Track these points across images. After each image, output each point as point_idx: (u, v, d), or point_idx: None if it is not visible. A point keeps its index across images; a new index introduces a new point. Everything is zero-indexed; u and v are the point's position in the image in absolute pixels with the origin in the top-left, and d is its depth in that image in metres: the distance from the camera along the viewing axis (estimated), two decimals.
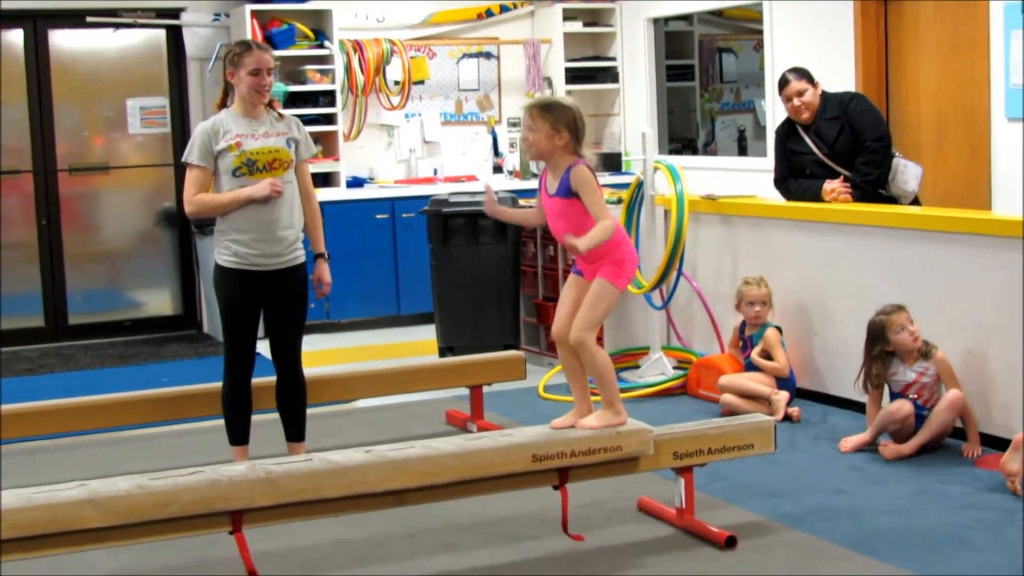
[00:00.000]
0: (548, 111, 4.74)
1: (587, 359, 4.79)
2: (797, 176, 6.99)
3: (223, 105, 5.61)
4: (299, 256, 5.62)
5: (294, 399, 5.72)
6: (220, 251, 5.55)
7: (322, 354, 8.68)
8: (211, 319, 9.65)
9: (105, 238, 10.09)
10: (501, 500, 5.06)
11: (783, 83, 6.91)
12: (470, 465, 4.48)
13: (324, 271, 5.79)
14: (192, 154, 5.49)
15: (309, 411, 5.81)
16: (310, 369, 5.89)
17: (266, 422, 5.87)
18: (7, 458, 6.21)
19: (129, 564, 4.69)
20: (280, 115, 5.63)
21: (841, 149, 6.78)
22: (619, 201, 7.93)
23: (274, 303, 5.60)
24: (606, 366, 4.83)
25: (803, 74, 6.88)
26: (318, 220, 5.79)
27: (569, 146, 4.74)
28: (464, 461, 4.47)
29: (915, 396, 5.82)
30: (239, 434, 5.67)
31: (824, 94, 6.90)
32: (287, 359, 5.69)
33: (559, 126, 4.72)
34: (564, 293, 4.91)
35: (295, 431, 5.73)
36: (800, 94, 6.83)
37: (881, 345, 5.87)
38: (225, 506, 4.18)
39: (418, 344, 8.96)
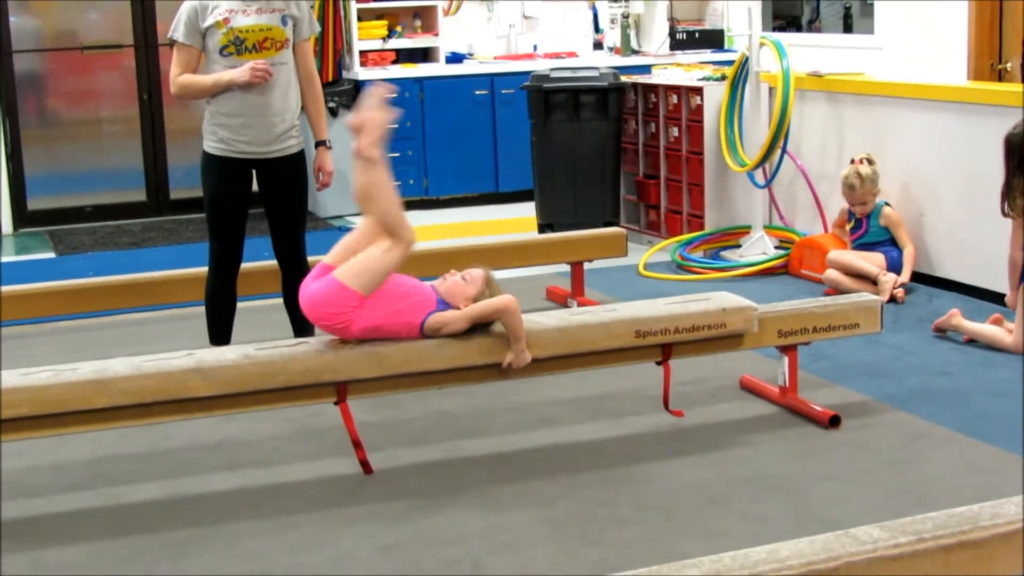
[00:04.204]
0: None
1: None
2: None
3: None
4: (293, 144, 5.24)
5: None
6: (207, 136, 5.21)
7: (421, 230, 8.55)
8: (311, 195, 9.66)
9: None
10: (603, 376, 5.06)
11: None
12: (573, 339, 4.46)
13: (326, 159, 5.37)
14: (177, 31, 5.16)
15: None
16: None
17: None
18: (116, 328, 6.39)
19: (235, 433, 4.77)
20: None
21: None
22: (723, 78, 7.80)
23: (267, 196, 5.26)
24: None
25: None
26: (320, 105, 5.37)
27: None
28: (567, 335, 4.45)
29: None
30: (219, 334, 5.35)
31: None
32: (289, 257, 5.33)
33: None
34: None
35: (304, 331, 5.21)
36: None
37: None
38: (331, 377, 4.21)
39: (517, 221, 8.92)
